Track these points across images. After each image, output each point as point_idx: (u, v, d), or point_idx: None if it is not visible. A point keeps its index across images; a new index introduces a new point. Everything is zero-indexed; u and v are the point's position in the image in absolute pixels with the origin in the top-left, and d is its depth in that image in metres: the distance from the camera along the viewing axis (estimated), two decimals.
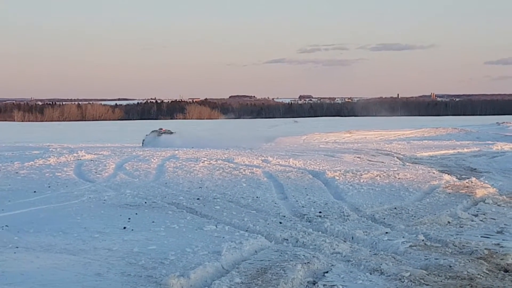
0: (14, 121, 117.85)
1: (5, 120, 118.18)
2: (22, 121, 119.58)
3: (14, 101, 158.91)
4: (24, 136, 53.50)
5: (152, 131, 37.51)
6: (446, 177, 14.99)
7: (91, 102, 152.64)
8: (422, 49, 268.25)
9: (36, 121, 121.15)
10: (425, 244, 8.42)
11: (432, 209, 10.98)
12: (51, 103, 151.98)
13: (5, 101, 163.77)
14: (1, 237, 8.49)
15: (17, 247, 7.90)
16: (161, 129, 38.08)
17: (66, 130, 76.92)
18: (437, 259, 7.56)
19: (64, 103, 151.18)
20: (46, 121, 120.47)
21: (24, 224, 9.42)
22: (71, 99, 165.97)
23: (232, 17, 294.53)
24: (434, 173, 16.17)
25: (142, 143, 34.95)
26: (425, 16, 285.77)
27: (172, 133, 37.40)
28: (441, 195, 12.36)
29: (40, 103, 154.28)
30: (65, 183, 14.05)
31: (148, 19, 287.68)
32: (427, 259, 7.60)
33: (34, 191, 12.93)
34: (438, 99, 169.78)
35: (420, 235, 8.80)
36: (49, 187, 13.57)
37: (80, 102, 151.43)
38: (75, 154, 20.41)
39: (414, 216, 10.41)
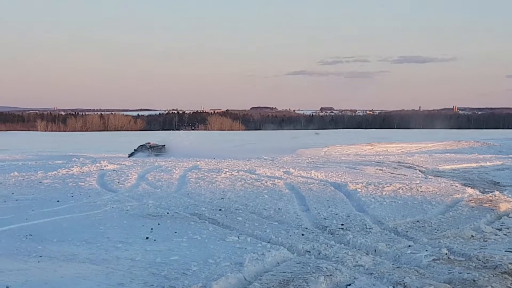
0: (37, 130, 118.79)
1: (28, 130, 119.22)
2: (45, 130, 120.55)
3: (37, 111, 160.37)
4: (47, 146, 53.87)
5: (140, 146, 37.07)
6: (469, 190, 14.88)
7: (113, 112, 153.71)
8: (444, 62, 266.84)
9: (59, 131, 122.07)
10: (448, 257, 8.37)
11: (455, 223, 10.90)
12: (74, 113, 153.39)
13: (28, 110, 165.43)
14: (24, 246, 8.56)
15: (40, 256, 7.95)
16: (149, 143, 37.46)
17: (88, 140, 77.35)
18: (460, 273, 7.50)
19: (86, 113, 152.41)
20: (68, 131, 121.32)
21: (48, 233, 9.48)
22: (94, 109, 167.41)
23: (253, 28, 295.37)
24: (456, 186, 16.05)
25: (129, 155, 34.80)
26: (447, 29, 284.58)
27: (161, 146, 36.71)
28: (464, 209, 12.27)
29: (63, 113, 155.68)
30: (88, 193, 14.14)
31: (169, 31, 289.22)
32: (450, 273, 7.55)
33: (58, 201, 13.03)
34: (460, 112, 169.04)
35: (444, 249, 8.75)
36: (72, 196, 13.66)
37: (102, 113, 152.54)
38: (97, 164, 20.55)
39: (437, 230, 10.35)
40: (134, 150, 36.60)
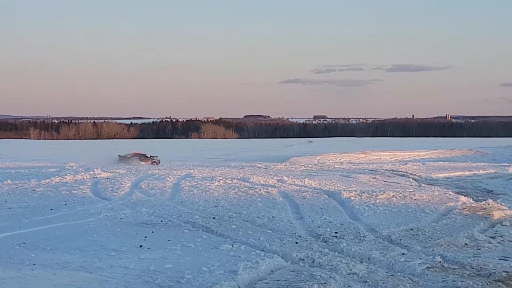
0: (30, 138, 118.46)
1: (21, 138, 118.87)
2: (38, 138, 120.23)
3: (30, 119, 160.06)
4: (40, 154, 53.72)
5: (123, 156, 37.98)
6: (463, 198, 14.91)
7: (106, 120, 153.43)
8: (438, 70, 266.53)
9: (52, 139, 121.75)
10: (442, 266, 8.36)
11: (449, 231, 10.91)
12: (67, 121, 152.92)
13: (21, 119, 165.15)
14: (18, 254, 8.54)
15: (34, 264, 7.93)
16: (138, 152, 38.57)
17: (81, 148, 77.15)
18: (454, 281, 7.50)
19: (80, 121, 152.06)
20: (62, 139, 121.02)
21: (41, 241, 9.47)
22: (87, 118, 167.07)
23: (247, 37, 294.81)
24: (450, 194, 16.08)
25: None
26: (441, 38, 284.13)
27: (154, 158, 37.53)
28: (458, 217, 12.29)
29: (56, 121, 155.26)
30: (81, 201, 14.12)
31: (164, 39, 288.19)
32: (444, 281, 7.55)
33: (51, 209, 13.01)
34: (453, 120, 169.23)
35: (437, 257, 8.75)
36: (65, 204, 13.64)
37: (95, 121, 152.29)
38: (91, 172, 20.56)
39: (431, 238, 10.35)
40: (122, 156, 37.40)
